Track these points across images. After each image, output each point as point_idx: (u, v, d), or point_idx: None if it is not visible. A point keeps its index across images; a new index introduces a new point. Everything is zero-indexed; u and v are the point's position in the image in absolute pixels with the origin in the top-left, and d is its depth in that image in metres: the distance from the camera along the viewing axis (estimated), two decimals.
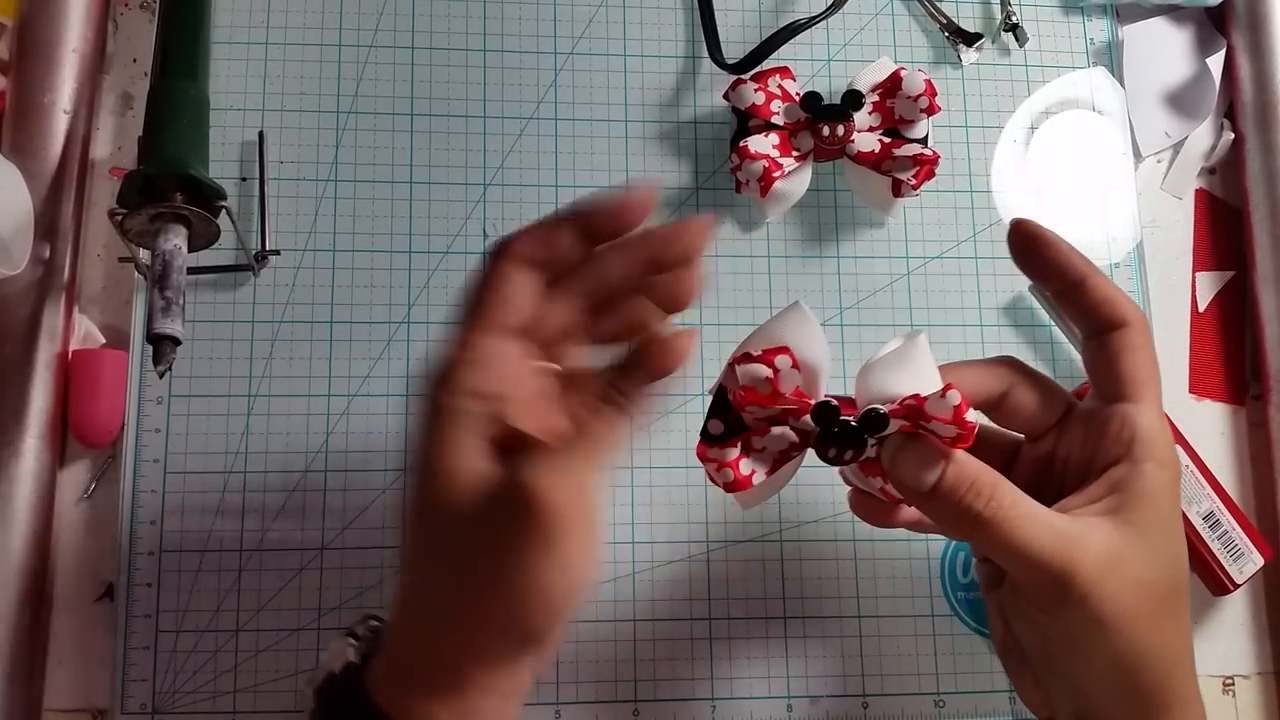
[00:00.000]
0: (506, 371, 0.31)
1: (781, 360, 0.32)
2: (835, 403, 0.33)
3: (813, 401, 0.33)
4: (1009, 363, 0.36)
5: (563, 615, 0.30)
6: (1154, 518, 0.33)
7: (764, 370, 0.32)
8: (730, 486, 0.34)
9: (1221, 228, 0.52)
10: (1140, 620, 0.32)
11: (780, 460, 0.34)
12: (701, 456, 0.34)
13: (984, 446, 0.35)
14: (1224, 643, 0.48)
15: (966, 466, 0.32)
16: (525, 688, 0.32)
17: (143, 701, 0.43)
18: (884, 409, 0.32)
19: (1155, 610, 0.32)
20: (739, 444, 0.34)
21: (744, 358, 0.33)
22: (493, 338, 0.31)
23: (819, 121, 0.46)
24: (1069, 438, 0.35)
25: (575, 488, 0.29)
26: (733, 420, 0.34)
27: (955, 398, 0.31)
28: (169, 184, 0.40)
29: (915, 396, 0.32)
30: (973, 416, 0.31)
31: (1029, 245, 0.36)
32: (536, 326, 0.32)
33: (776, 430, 0.34)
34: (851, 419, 0.33)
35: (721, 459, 0.34)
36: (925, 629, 0.46)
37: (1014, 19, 0.52)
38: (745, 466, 0.34)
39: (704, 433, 0.34)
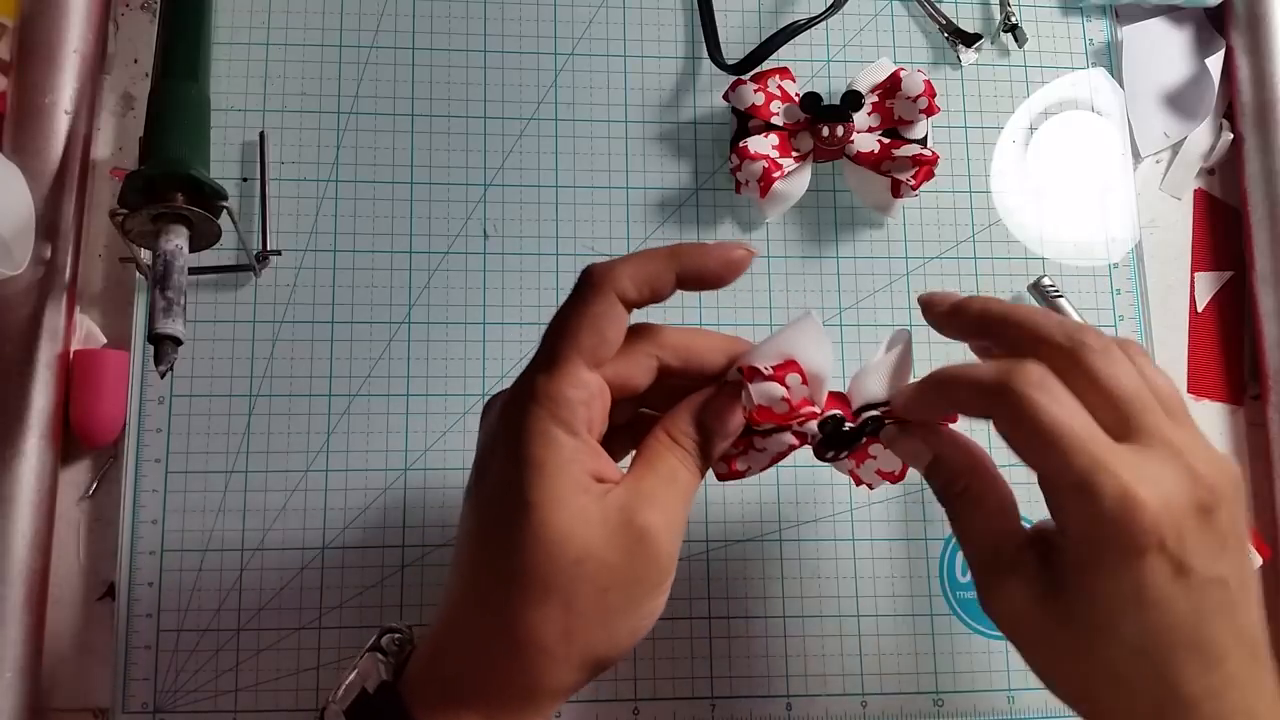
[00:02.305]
0: (604, 408, 0.31)
1: (792, 379, 0.33)
2: (840, 414, 0.34)
3: (817, 410, 0.34)
4: None
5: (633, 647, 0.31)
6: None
7: (779, 390, 0.32)
8: (723, 477, 0.35)
9: (1220, 228, 0.53)
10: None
11: (777, 459, 0.35)
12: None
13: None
14: None
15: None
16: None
17: (144, 700, 0.43)
18: (881, 414, 0.34)
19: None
20: (741, 445, 0.34)
21: (754, 373, 0.32)
22: (592, 372, 0.31)
23: (819, 122, 0.46)
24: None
25: (677, 531, 0.31)
26: None
27: None
28: (170, 184, 0.40)
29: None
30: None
31: (954, 313, 0.35)
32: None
33: (778, 435, 0.34)
34: (851, 423, 0.34)
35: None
36: (924, 628, 0.46)
37: (1013, 19, 0.52)
38: (741, 463, 0.34)
39: None
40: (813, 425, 0.34)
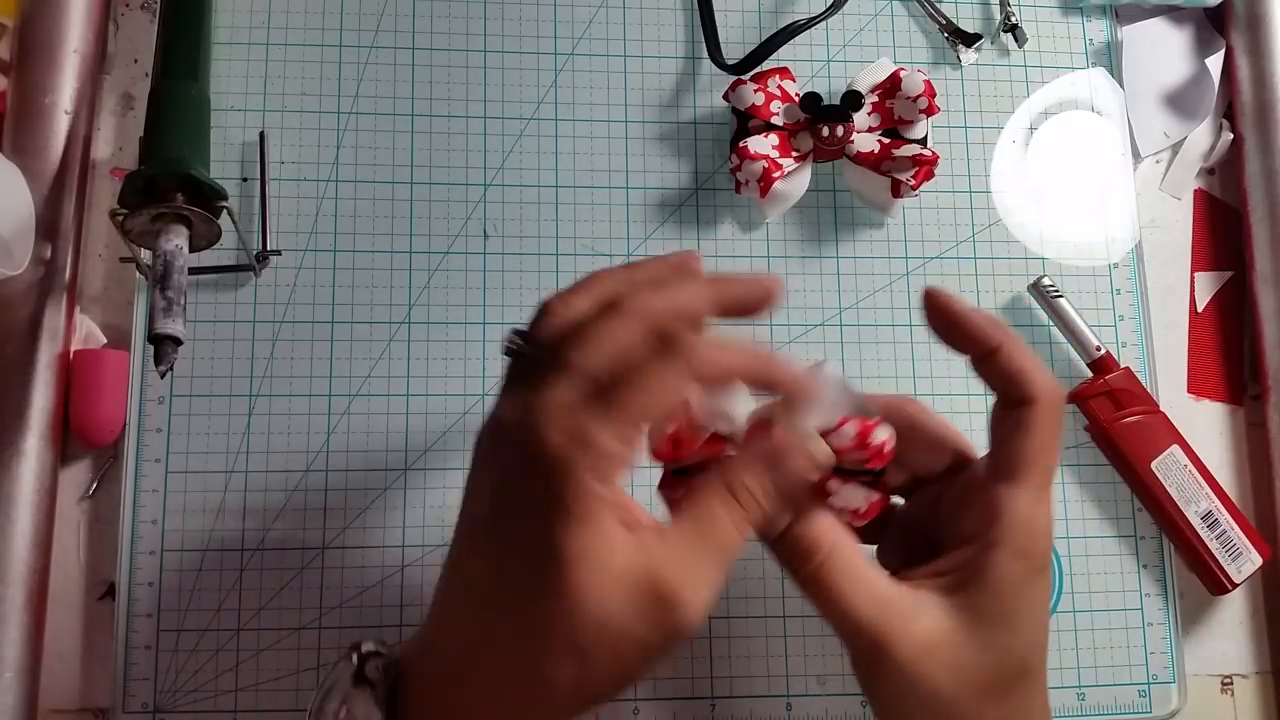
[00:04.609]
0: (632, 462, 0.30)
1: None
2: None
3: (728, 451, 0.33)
4: (907, 404, 0.36)
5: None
6: (993, 606, 0.32)
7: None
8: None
9: (1220, 228, 0.53)
10: (958, 704, 0.31)
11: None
12: (662, 490, 0.34)
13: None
14: (1222, 642, 0.48)
15: (811, 526, 0.32)
16: None
17: (144, 700, 0.43)
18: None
19: (977, 696, 0.32)
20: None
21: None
22: (640, 435, 0.29)
23: (818, 122, 0.46)
24: (950, 498, 0.35)
25: (710, 596, 0.29)
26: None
27: (850, 429, 0.32)
28: (170, 184, 0.40)
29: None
30: (886, 435, 0.32)
31: (944, 316, 0.34)
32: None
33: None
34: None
35: (673, 496, 0.34)
36: None
37: (1013, 19, 0.52)
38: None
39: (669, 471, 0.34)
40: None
